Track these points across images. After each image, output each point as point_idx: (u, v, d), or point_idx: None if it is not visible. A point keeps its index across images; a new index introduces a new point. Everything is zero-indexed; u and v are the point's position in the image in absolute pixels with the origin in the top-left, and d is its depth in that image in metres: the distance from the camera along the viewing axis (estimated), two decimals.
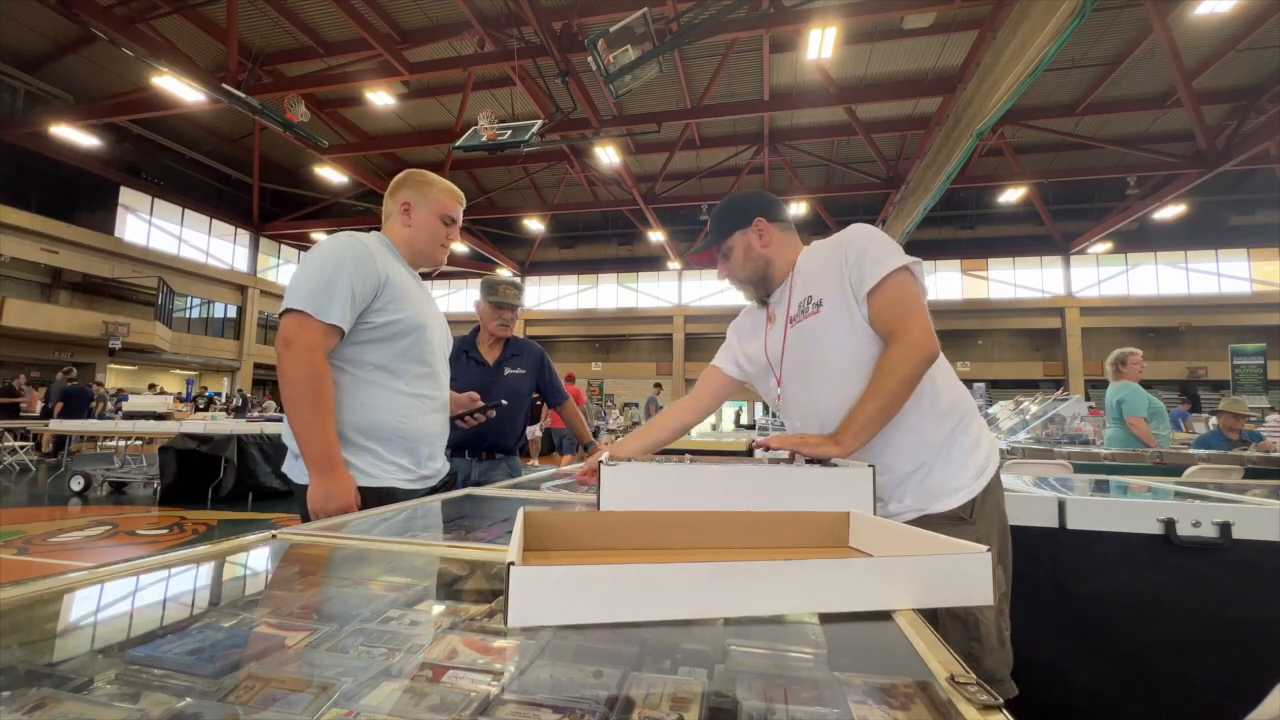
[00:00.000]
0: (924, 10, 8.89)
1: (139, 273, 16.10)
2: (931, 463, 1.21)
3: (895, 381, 1.15)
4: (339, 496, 1.30)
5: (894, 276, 1.18)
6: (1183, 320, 18.85)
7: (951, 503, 1.19)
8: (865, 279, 1.20)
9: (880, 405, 1.15)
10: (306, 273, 1.36)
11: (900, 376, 1.15)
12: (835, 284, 1.24)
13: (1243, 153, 10.78)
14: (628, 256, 23.05)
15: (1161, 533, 1.49)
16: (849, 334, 1.23)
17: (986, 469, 1.22)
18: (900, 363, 1.15)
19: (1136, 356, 4.20)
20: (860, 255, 1.21)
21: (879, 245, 1.22)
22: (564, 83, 8.96)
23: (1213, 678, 1.42)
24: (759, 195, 1.41)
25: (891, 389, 1.15)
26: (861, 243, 1.23)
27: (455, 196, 1.62)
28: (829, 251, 1.28)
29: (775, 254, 1.36)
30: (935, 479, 1.21)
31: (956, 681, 0.48)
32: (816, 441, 1.15)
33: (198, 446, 6.08)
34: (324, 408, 1.32)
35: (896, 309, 1.18)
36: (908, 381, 1.16)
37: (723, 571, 0.57)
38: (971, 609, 1.09)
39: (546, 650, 0.60)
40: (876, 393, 1.15)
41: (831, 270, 1.25)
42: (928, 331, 1.16)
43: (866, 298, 1.20)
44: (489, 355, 2.52)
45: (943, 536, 0.72)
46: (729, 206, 1.39)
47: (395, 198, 1.58)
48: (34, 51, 11.96)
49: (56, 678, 0.53)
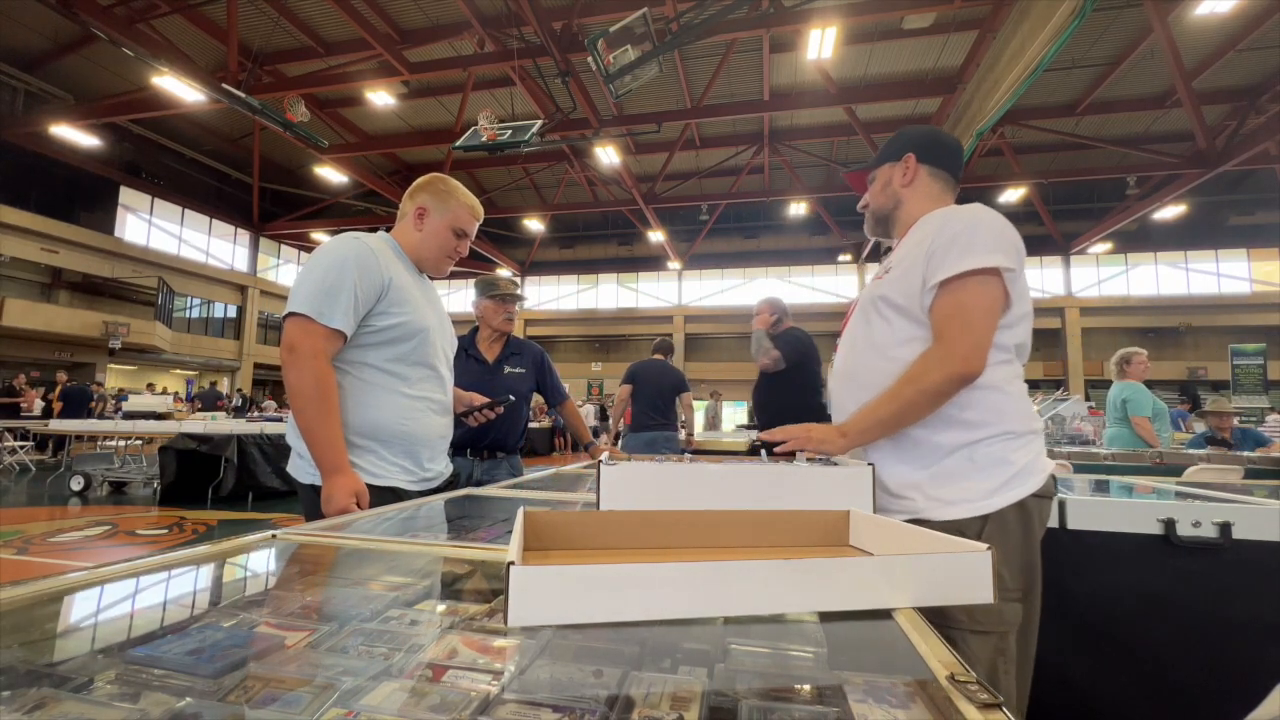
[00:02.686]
0: (924, 10, 8.89)
1: (139, 273, 16.10)
2: (936, 469, 1.11)
3: (916, 391, 1.05)
4: (349, 496, 1.31)
5: (974, 276, 1.05)
6: (1183, 320, 18.85)
7: (949, 513, 1.08)
8: (943, 266, 1.07)
9: (893, 411, 1.07)
10: (310, 276, 1.36)
11: (923, 387, 1.05)
12: (917, 256, 1.12)
13: (1243, 153, 10.78)
14: (628, 256, 23.05)
15: (1161, 533, 1.49)
16: (898, 315, 1.13)
17: (1008, 489, 1.08)
18: (929, 372, 1.05)
19: (1141, 356, 4.20)
20: (953, 238, 1.08)
21: (981, 235, 1.08)
22: (564, 83, 8.95)
23: (1213, 678, 1.42)
24: (929, 132, 1.28)
25: (910, 397, 1.05)
26: (964, 225, 1.09)
27: (473, 211, 1.60)
28: (938, 221, 1.15)
29: (909, 198, 1.24)
30: (937, 486, 1.11)
31: (956, 680, 0.48)
32: (821, 435, 1.10)
33: (198, 446, 6.08)
34: (330, 411, 1.33)
35: (955, 313, 1.06)
36: (929, 395, 1.05)
37: (723, 571, 0.57)
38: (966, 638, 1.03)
39: (546, 650, 0.60)
40: (895, 397, 1.07)
41: (924, 243, 1.13)
42: (977, 349, 1.03)
43: (937, 286, 1.08)
44: (488, 354, 2.53)
45: (943, 535, 0.72)
46: (897, 136, 1.29)
47: (413, 200, 1.56)
48: (34, 51, 11.96)
49: (56, 678, 0.53)
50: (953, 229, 1.09)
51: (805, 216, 18.28)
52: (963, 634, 1.02)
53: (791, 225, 20.55)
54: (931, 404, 1.06)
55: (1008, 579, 1.07)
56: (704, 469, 0.99)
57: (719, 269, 22.45)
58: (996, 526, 1.07)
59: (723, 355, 22.54)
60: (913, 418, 1.07)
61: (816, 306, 21.46)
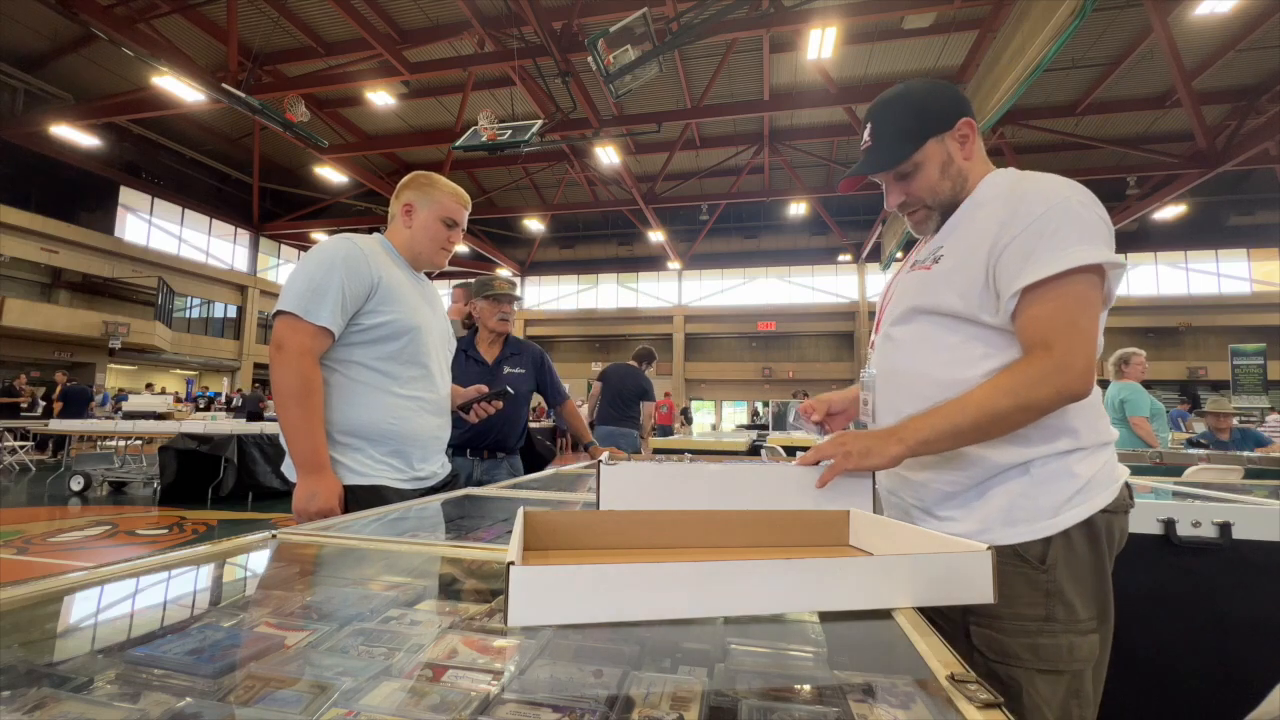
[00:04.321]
0: (924, 10, 8.89)
1: (139, 273, 16.10)
2: (988, 486, 0.95)
3: (1017, 406, 0.86)
4: (321, 498, 1.31)
5: (1073, 276, 0.86)
6: (1182, 320, 18.85)
7: (1007, 536, 0.92)
8: (1029, 269, 0.87)
9: (978, 423, 0.88)
10: (299, 276, 1.38)
11: (1026, 403, 0.86)
12: (976, 243, 0.93)
13: (1243, 153, 10.77)
14: (628, 256, 23.06)
15: (1161, 533, 1.49)
16: (953, 317, 0.95)
17: (1073, 506, 0.91)
18: (1038, 386, 0.86)
19: (1140, 357, 4.21)
20: (1038, 234, 0.88)
21: (1072, 225, 0.87)
22: (564, 83, 8.96)
23: (1213, 678, 1.42)
24: (950, 88, 1.04)
25: (1006, 412, 0.87)
26: (1049, 206, 0.88)
27: (459, 199, 1.60)
28: (1004, 196, 0.94)
29: (973, 171, 1.02)
30: (989, 505, 0.95)
31: (956, 680, 0.48)
32: (862, 447, 0.91)
33: (198, 446, 6.08)
34: (312, 410, 1.34)
35: (1060, 319, 0.87)
36: (1030, 411, 0.87)
37: (723, 571, 0.57)
38: (1032, 679, 0.89)
39: (546, 650, 0.60)
40: (982, 408, 0.88)
41: (988, 225, 0.93)
42: (1091, 360, 0.87)
43: (1022, 291, 0.88)
44: (488, 354, 2.52)
45: (943, 535, 0.72)
46: (918, 106, 1.02)
47: (399, 199, 1.58)
48: (34, 51, 11.96)
49: (56, 678, 0.53)
50: (1032, 209, 0.89)
51: (805, 216, 18.27)
52: (1028, 674, 0.89)
53: (791, 225, 20.55)
54: (1029, 421, 0.89)
55: (1079, 608, 0.91)
56: (704, 469, 0.99)
57: (719, 269, 22.47)
58: (1062, 549, 0.91)
59: (723, 355, 22.55)
60: (999, 434, 0.90)
61: (816, 306, 21.50)
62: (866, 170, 1.05)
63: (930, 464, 0.98)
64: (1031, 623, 0.91)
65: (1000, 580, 0.89)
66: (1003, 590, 0.90)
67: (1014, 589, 0.91)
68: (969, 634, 0.93)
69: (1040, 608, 0.91)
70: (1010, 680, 0.89)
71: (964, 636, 0.93)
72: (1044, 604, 0.91)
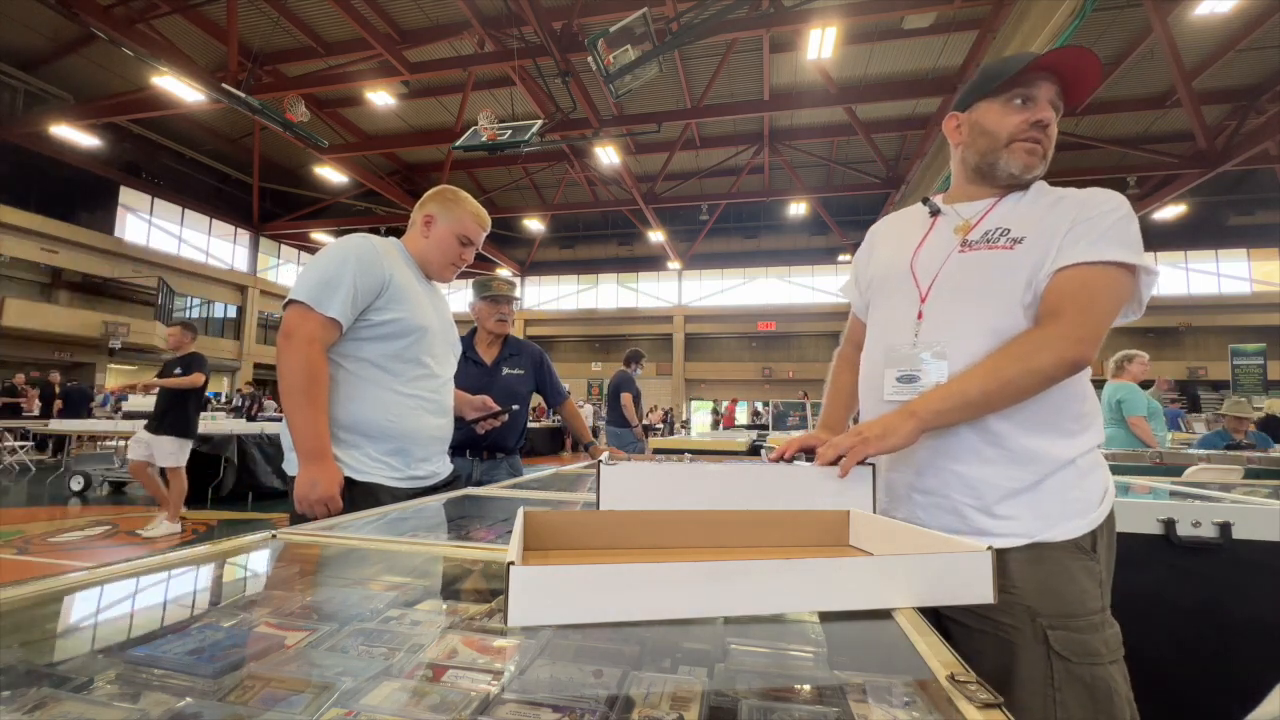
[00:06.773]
0: (924, 10, 8.89)
1: (139, 273, 16.09)
2: (1049, 481, 0.94)
3: (1023, 370, 0.89)
4: (322, 486, 1.31)
5: (1106, 267, 0.91)
6: (1182, 320, 18.85)
7: (1066, 531, 0.93)
8: (1075, 251, 0.92)
9: (987, 391, 0.90)
10: (313, 268, 1.40)
11: (1031, 367, 0.89)
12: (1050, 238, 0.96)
13: (1243, 153, 10.77)
14: (628, 256, 23.05)
15: (1161, 533, 1.49)
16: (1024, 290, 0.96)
17: (1108, 491, 0.98)
18: (1041, 350, 0.89)
19: (1142, 359, 4.20)
20: (1092, 228, 0.93)
21: (1122, 229, 0.93)
22: (564, 83, 8.95)
23: (1212, 678, 1.42)
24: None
25: (1013, 377, 0.89)
26: (1110, 213, 0.94)
27: (479, 220, 1.62)
28: (1074, 197, 0.99)
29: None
30: (1053, 497, 0.94)
31: (956, 680, 0.48)
32: (879, 430, 0.91)
33: (198, 446, 6.07)
34: (317, 398, 1.35)
35: (1080, 294, 0.91)
36: (1037, 377, 0.90)
37: (723, 571, 0.57)
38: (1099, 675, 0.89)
39: (546, 650, 0.60)
40: (991, 375, 0.90)
41: (1059, 222, 0.97)
42: (1094, 336, 0.89)
43: (1055, 271, 0.93)
44: (486, 355, 2.52)
45: (942, 535, 0.72)
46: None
47: (422, 209, 1.60)
48: (34, 51, 11.95)
49: (56, 678, 0.53)
50: (1098, 205, 0.95)
51: (805, 216, 18.26)
52: (1108, 669, 0.90)
53: (791, 225, 20.55)
54: (1036, 388, 0.91)
55: (1109, 595, 0.95)
56: (704, 469, 0.99)
57: (719, 269, 22.46)
58: (1103, 538, 0.95)
59: (723, 355, 22.54)
60: (1007, 402, 0.91)
61: (816, 306, 21.48)
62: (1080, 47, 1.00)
63: (991, 460, 0.96)
64: (1097, 615, 0.92)
65: (1066, 576, 0.91)
66: (1072, 585, 0.92)
67: (1081, 584, 0.92)
68: (1047, 639, 0.90)
69: (1098, 599, 0.93)
70: (1096, 681, 0.88)
71: (1042, 641, 0.90)
72: (1099, 594, 0.93)
